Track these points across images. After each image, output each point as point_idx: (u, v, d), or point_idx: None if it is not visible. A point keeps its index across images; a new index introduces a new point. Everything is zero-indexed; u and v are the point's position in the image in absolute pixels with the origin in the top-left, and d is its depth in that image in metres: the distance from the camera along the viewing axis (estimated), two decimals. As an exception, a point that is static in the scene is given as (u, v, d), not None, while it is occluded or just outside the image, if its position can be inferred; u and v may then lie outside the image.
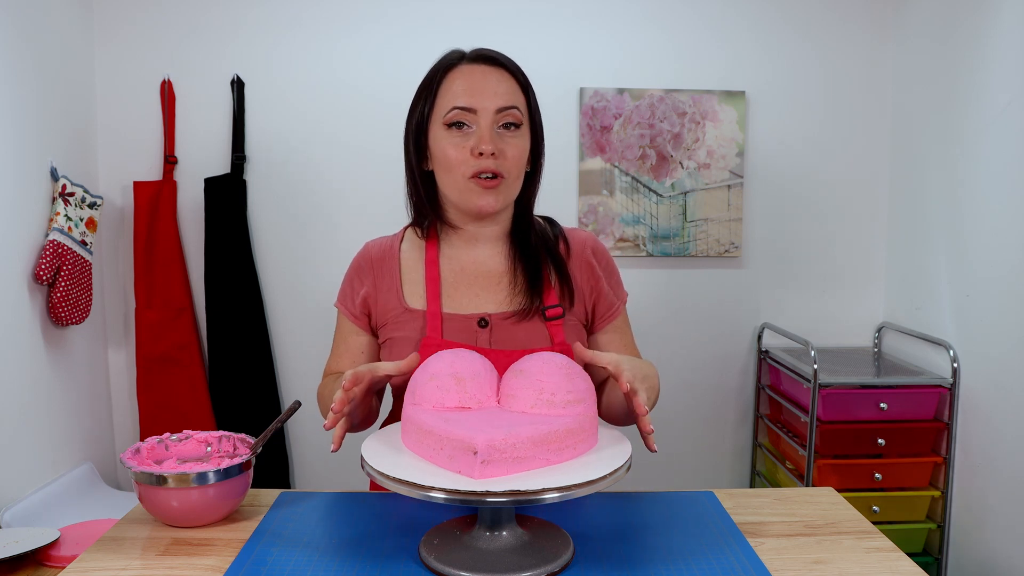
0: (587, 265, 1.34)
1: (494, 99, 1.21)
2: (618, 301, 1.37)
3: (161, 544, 1.08)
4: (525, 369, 1.03)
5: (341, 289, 1.37)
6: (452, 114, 1.22)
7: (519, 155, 1.23)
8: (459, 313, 1.27)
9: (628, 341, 1.39)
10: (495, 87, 1.22)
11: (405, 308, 1.29)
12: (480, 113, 1.21)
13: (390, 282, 1.31)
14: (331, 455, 2.66)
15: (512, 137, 1.23)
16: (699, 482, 2.79)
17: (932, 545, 2.41)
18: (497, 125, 1.22)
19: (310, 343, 2.63)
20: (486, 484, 0.88)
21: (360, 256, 1.37)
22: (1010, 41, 2.09)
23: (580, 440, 0.98)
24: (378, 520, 1.15)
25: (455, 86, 1.23)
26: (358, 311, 1.33)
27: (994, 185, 2.15)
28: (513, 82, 1.25)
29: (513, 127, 1.23)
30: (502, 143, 1.22)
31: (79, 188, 2.27)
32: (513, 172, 1.23)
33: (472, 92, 1.22)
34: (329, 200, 2.61)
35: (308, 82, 2.57)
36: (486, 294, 1.29)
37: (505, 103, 1.22)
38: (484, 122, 1.21)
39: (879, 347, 2.72)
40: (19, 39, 2.13)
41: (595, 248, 1.36)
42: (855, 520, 1.18)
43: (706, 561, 1.03)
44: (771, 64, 2.65)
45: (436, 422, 0.95)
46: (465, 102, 1.21)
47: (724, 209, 2.67)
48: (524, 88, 1.26)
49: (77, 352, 2.40)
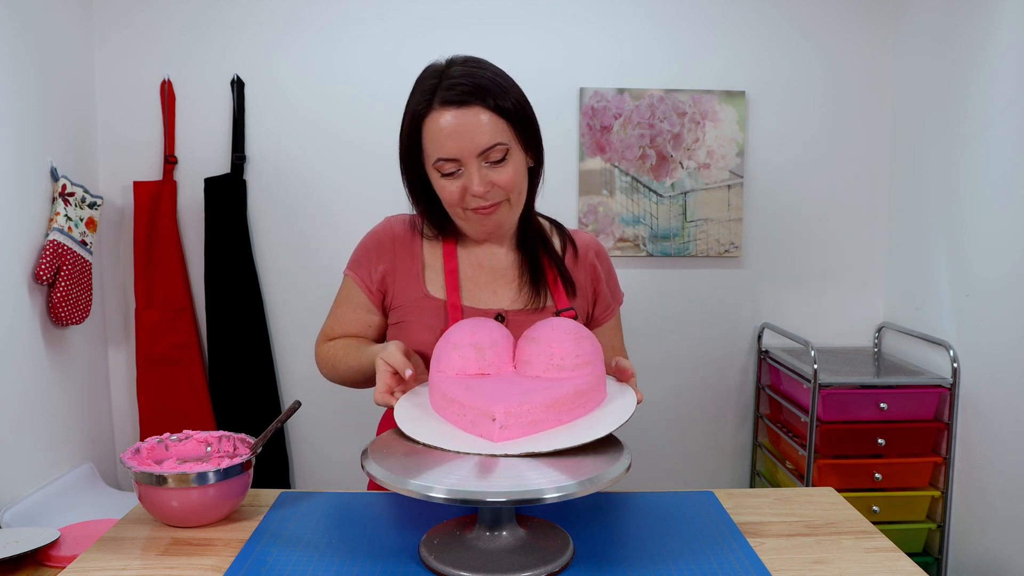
0: (591, 267, 1.39)
1: (473, 145, 1.18)
2: (614, 303, 1.43)
3: (161, 544, 1.08)
4: (537, 336, 1.12)
5: (355, 257, 1.36)
6: (438, 164, 1.21)
7: (511, 178, 1.22)
8: (477, 307, 1.30)
9: (617, 342, 1.45)
10: (472, 131, 1.17)
11: (425, 294, 1.31)
12: (464, 160, 1.19)
13: (411, 265, 1.33)
14: (331, 455, 2.67)
15: (502, 167, 1.21)
16: (699, 482, 2.78)
17: (932, 545, 2.41)
18: (483, 163, 1.20)
19: (310, 343, 2.62)
20: (505, 447, 0.97)
21: (382, 231, 1.37)
22: (1010, 41, 2.09)
23: (589, 399, 1.07)
24: (378, 520, 1.15)
25: (434, 136, 1.19)
26: (375, 286, 1.34)
27: (994, 185, 2.15)
28: (490, 115, 1.18)
29: (501, 159, 1.21)
30: (493, 175, 1.21)
31: (79, 188, 2.27)
32: (513, 194, 1.24)
33: (451, 142, 1.18)
34: (329, 200, 2.61)
35: (308, 82, 2.57)
36: (501, 291, 1.32)
37: (487, 144, 1.18)
38: (470, 168, 1.19)
39: (879, 347, 2.72)
40: (19, 39, 2.13)
41: (598, 251, 1.42)
42: (855, 520, 1.18)
43: (706, 561, 1.03)
44: (771, 64, 2.65)
45: (459, 391, 1.04)
46: (447, 153, 1.19)
47: (724, 209, 2.66)
48: (506, 111, 1.19)
49: (77, 352, 2.40)
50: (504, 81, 1.22)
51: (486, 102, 1.18)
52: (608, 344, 1.42)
